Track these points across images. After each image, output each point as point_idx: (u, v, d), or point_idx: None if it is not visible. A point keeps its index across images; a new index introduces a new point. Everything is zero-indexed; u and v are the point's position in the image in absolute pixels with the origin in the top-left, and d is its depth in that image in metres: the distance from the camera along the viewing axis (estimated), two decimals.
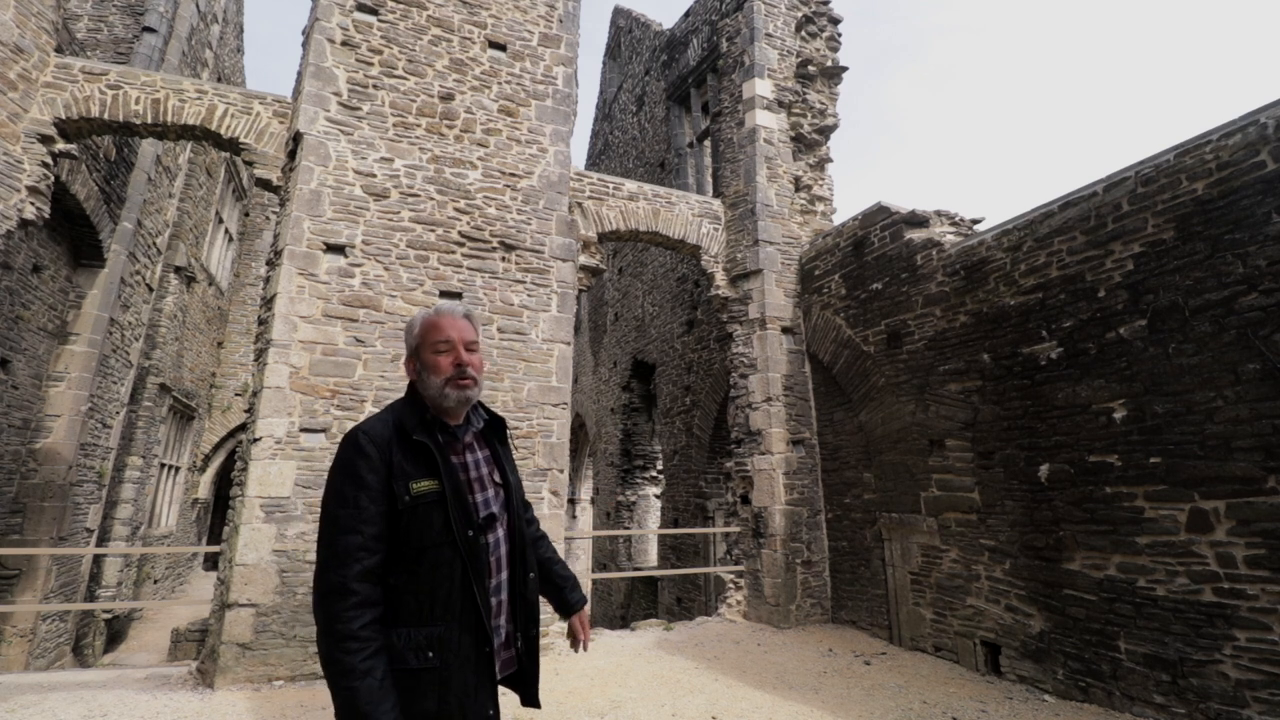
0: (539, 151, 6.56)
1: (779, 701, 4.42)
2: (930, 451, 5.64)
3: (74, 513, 7.56)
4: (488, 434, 1.74)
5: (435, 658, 1.45)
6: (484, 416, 1.76)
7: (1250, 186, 3.64)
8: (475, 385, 1.64)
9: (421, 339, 1.65)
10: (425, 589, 1.48)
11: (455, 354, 1.62)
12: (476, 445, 1.70)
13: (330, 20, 5.90)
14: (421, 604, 1.47)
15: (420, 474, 1.52)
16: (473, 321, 1.70)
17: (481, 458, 1.68)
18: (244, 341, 14.10)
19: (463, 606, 1.49)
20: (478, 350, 1.68)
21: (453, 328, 1.64)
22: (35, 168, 5.54)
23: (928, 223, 6.15)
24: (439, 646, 1.46)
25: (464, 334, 1.65)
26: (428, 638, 1.45)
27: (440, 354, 1.62)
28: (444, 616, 1.48)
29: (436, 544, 1.49)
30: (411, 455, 1.54)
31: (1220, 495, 3.66)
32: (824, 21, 8.54)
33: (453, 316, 1.66)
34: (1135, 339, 4.13)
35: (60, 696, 4.27)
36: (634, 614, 10.84)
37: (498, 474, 1.69)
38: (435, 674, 1.45)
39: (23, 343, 6.82)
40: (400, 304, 5.63)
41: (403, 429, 1.58)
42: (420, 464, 1.54)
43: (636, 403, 12.44)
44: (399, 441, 1.55)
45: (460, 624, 1.49)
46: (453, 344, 1.63)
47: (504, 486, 1.69)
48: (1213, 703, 3.61)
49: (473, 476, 1.63)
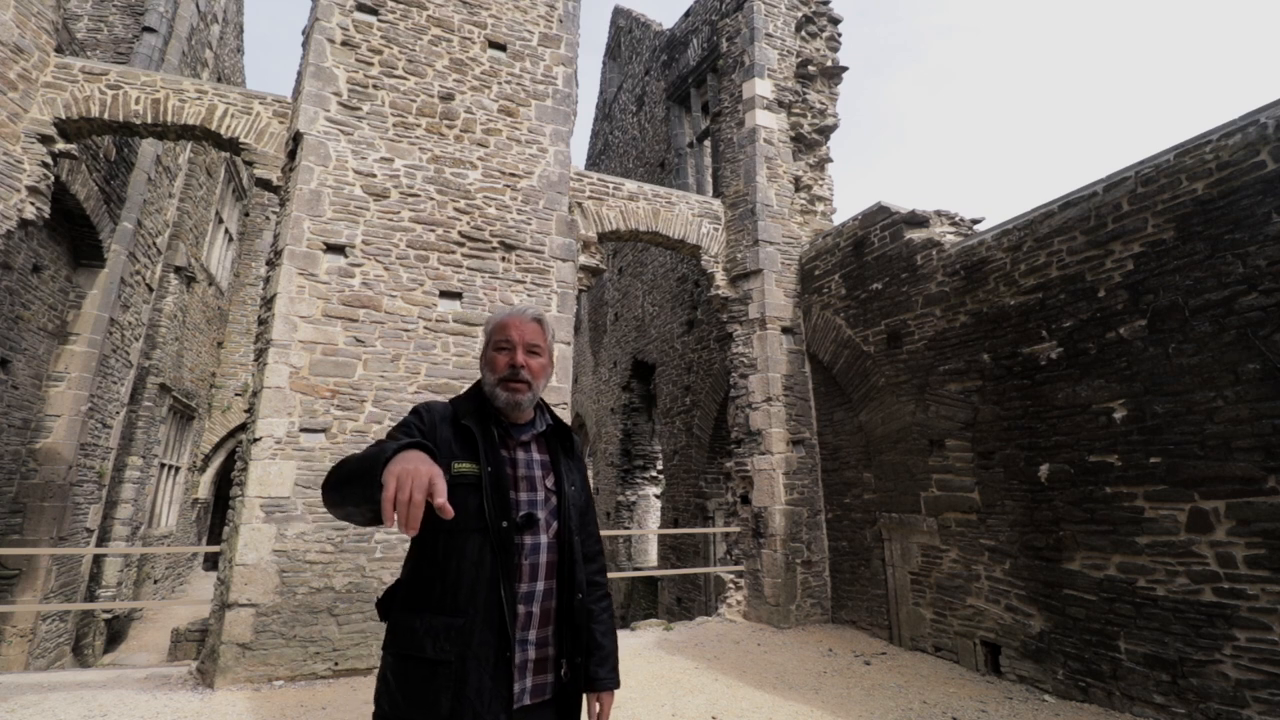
0: (539, 151, 6.56)
1: (779, 701, 4.42)
2: (930, 451, 5.64)
3: (74, 513, 7.55)
4: (551, 440, 1.69)
5: (452, 650, 1.40)
6: (549, 421, 1.71)
7: (1250, 186, 3.64)
8: (528, 390, 1.60)
9: (489, 336, 1.67)
10: (453, 576, 1.45)
11: (513, 355, 1.61)
12: (536, 447, 1.65)
13: (330, 20, 5.90)
14: (448, 591, 1.44)
15: (464, 456, 1.51)
16: (544, 326, 1.67)
17: (537, 459, 1.63)
18: (244, 341, 14.09)
19: (488, 601, 1.44)
20: (542, 354, 1.65)
21: (517, 329, 1.63)
22: (35, 168, 5.54)
23: (928, 223, 6.15)
24: (458, 639, 1.41)
25: (527, 336, 1.63)
26: (448, 628, 1.42)
27: (500, 352, 1.62)
28: (468, 608, 1.43)
29: (467, 529, 1.46)
30: (459, 437, 1.55)
31: (1220, 495, 3.66)
32: (824, 21, 8.54)
33: (521, 318, 1.65)
34: (1135, 339, 4.13)
35: (60, 696, 4.27)
36: (634, 614, 10.84)
37: (552, 479, 1.63)
38: (451, 670, 1.39)
39: (23, 343, 6.82)
40: (400, 304, 5.63)
41: (457, 412, 1.59)
42: (466, 447, 1.53)
43: (636, 403, 12.44)
44: (452, 422, 1.57)
45: (484, 620, 1.43)
46: (513, 344, 1.62)
47: (558, 494, 1.61)
48: (1213, 703, 3.61)
49: (520, 474, 1.59)
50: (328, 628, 4.91)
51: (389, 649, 1.49)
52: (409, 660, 1.43)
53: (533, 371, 1.62)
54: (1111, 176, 4.41)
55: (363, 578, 5.09)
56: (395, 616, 1.51)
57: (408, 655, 1.44)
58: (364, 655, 4.97)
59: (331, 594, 4.97)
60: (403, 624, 1.47)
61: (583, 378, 15.24)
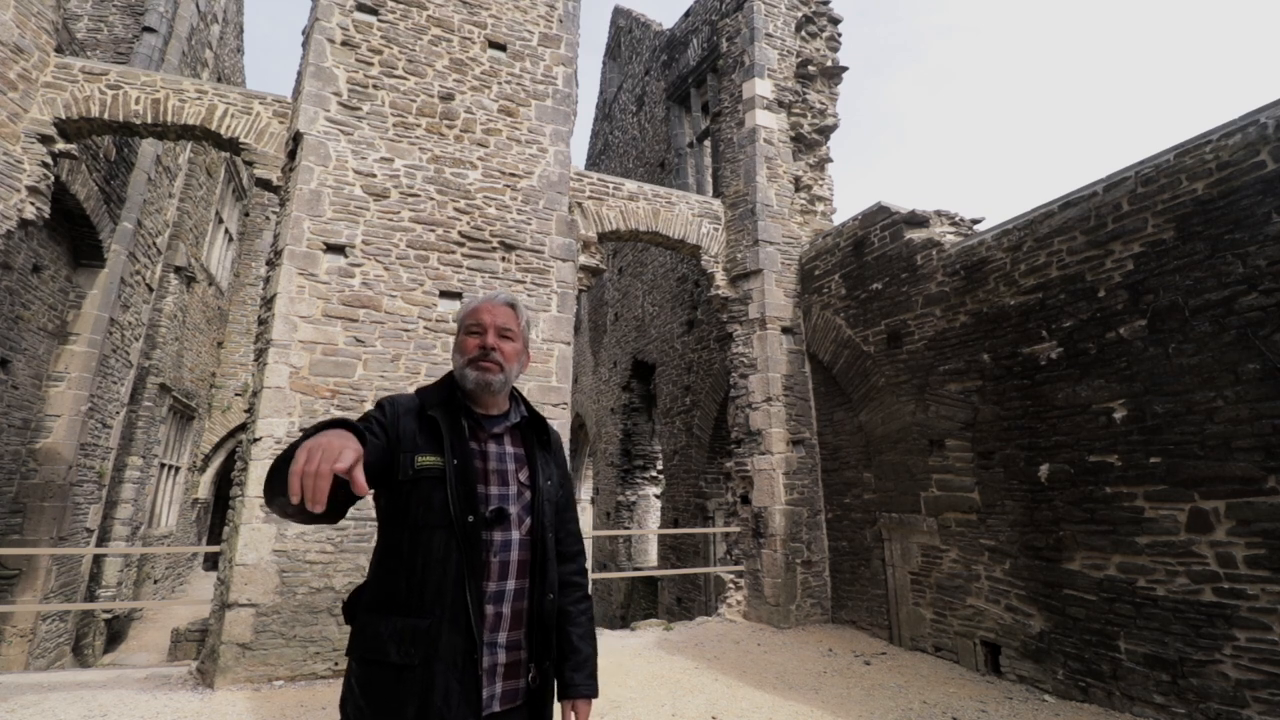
0: (539, 151, 6.56)
1: (779, 701, 4.42)
2: (930, 451, 5.64)
3: (74, 513, 7.56)
4: (527, 432, 1.63)
5: (418, 654, 1.34)
6: (523, 413, 1.65)
7: (1250, 186, 3.64)
8: (499, 370, 1.56)
9: (461, 321, 1.64)
10: (418, 575, 1.40)
11: (484, 338, 1.58)
12: (509, 440, 1.60)
13: (330, 20, 5.90)
14: (413, 591, 1.39)
15: (429, 449, 1.46)
16: (516, 311, 1.65)
17: (510, 453, 1.58)
18: (244, 341, 14.09)
19: (454, 601, 1.38)
20: (515, 339, 1.62)
21: (489, 313, 1.61)
22: (35, 168, 5.54)
23: (928, 223, 6.15)
24: (424, 642, 1.35)
25: (498, 319, 1.60)
26: (413, 630, 1.36)
27: (471, 335, 1.60)
28: (434, 609, 1.37)
29: (432, 525, 1.41)
30: (425, 429, 1.49)
31: (1220, 495, 3.66)
32: (824, 21, 8.54)
33: (492, 303, 1.63)
34: (1135, 339, 4.13)
35: (60, 696, 4.27)
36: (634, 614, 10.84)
37: (526, 473, 1.58)
38: (416, 676, 1.34)
39: (23, 343, 6.82)
40: (400, 304, 5.63)
41: (424, 403, 1.54)
42: (432, 439, 1.48)
43: (636, 403, 12.44)
44: (417, 414, 1.51)
45: (451, 621, 1.37)
46: (484, 327, 1.59)
47: (531, 489, 1.56)
48: (1213, 703, 3.61)
49: (491, 467, 1.53)
50: (328, 628, 4.91)
51: (353, 653, 1.44)
52: (373, 665, 1.38)
53: (505, 355, 1.58)
54: (1111, 176, 4.41)
55: (363, 578, 5.07)
56: (360, 619, 1.45)
57: (372, 660, 1.38)
58: None
59: (331, 594, 4.97)
60: (368, 627, 1.42)
61: (583, 378, 15.24)
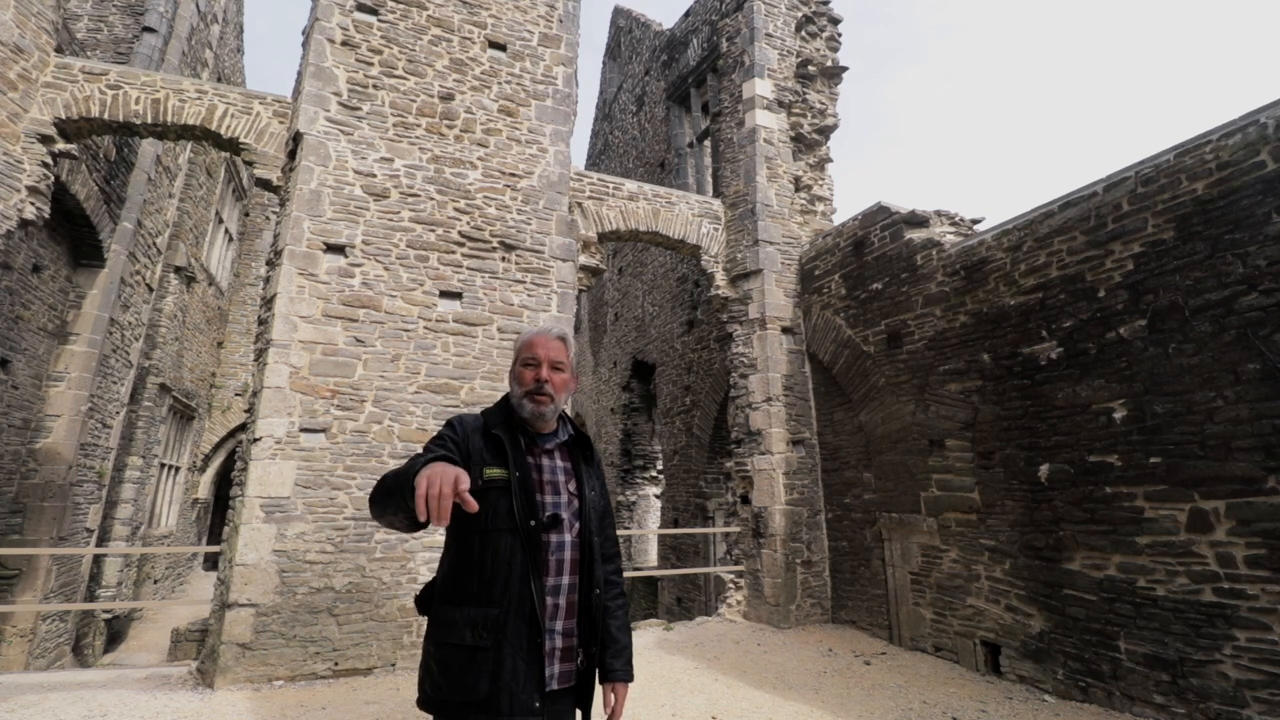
0: (539, 151, 6.56)
1: (779, 701, 4.42)
2: (930, 451, 5.64)
3: (74, 513, 7.55)
4: (573, 449, 1.85)
5: (489, 637, 1.55)
6: (570, 432, 1.87)
7: (1250, 186, 3.64)
8: (550, 402, 1.77)
9: (518, 352, 1.85)
10: (488, 572, 1.60)
11: (539, 370, 1.78)
12: (559, 455, 1.82)
13: (330, 20, 5.90)
14: (483, 585, 1.60)
15: (495, 463, 1.68)
16: (566, 344, 1.86)
17: (560, 466, 1.80)
18: (244, 341, 14.09)
19: (520, 594, 1.59)
20: (565, 370, 1.82)
21: (543, 346, 1.81)
22: (35, 168, 5.54)
23: (928, 223, 6.15)
24: (494, 627, 1.56)
25: (551, 353, 1.80)
26: (485, 617, 1.57)
27: (527, 367, 1.80)
28: (502, 600, 1.58)
29: (500, 529, 1.62)
30: (490, 446, 1.71)
31: (1220, 495, 3.66)
32: (824, 21, 8.54)
33: (546, 337, 1.83)
34: (1135, 339, 4.13)
35: (60, 696, 4.27)
36: (634, 614, 10.85)
37: (574, 484, 1.79)
38: (488, 655, 1.54)
39: (23, 343, 6.82)
40: (400, 304, 5.63)
41: (488, 423, 1.76)
42: (496, 454, 1.70)
43: (636, 403, 12.44)
44: (483, 432, 1.74)
45: (517, 611, 1.58)
46: (539, 361, 1.79)
47: (579, 498, 1.78)
48: (1213, 703, 3.61)
49: (545, 479, 1.75)
50: (328, 628, 4.91)
51: (430, 639, 1.64)
52: (449, 648, 1.58)
53: (555, 386, 1.79)
54: (1111, 176, 4.41)
55: (363, 578, 5.09)
56: (436, 610, 1.66)
57: (448, 643, 1.59)
58: (364, 655, 4.97)
59: (332, 594, 4.97)
60: (443, 616, 1.63)
61: (583, 378, 15.25)
